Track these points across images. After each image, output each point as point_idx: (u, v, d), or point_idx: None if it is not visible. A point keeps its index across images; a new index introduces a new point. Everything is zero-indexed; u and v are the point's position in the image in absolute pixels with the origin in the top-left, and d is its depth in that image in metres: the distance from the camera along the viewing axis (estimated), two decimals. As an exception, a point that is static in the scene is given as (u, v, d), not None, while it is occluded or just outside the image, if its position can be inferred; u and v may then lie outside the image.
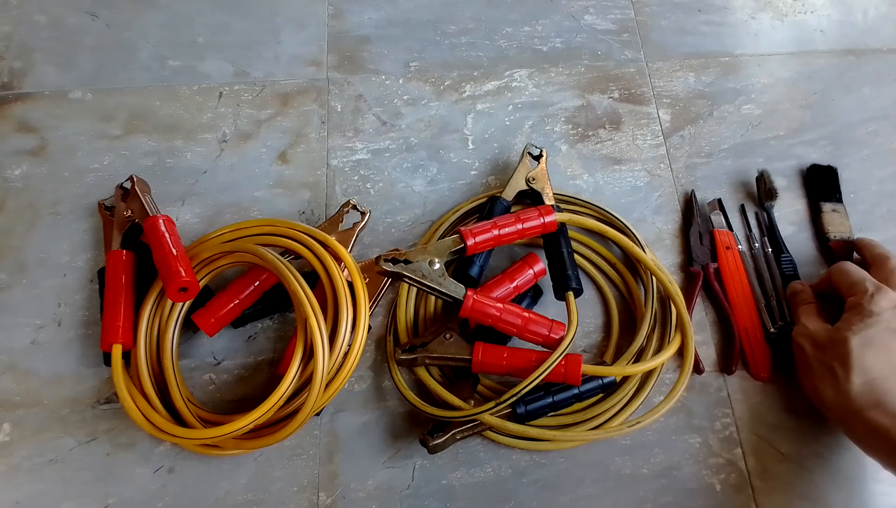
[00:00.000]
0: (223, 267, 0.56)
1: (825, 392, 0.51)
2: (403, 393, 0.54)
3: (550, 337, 0.53)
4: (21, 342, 0.58)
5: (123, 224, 0.58)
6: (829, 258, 0.64)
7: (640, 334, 0.57)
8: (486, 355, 0.52)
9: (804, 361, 0.54)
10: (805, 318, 0.56)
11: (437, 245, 0.55)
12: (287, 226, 0.57)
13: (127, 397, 0.51)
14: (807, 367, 0.54)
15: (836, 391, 0.50)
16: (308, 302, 0.51)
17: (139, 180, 0.59)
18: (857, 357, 0.50)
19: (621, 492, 0.54)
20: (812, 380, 0.53)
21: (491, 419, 0.51)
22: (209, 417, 0.53)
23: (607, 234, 0.60)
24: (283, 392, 0.49)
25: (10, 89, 0.70)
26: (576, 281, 0.56)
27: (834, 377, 0.50)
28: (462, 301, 0.52)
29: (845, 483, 0.55)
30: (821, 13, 0.78)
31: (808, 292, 0.58)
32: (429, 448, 0.51)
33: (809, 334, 0.54)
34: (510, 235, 0.56)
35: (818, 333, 0.53)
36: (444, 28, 0.75)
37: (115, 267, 0.56)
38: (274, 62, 0.72)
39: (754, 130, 0.70)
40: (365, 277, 0.56)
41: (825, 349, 0.52)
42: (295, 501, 0.53)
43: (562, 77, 0.73)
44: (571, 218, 0.59)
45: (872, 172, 0.68)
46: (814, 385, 0.53)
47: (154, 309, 0.54)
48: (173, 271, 0.51)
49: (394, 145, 0.68)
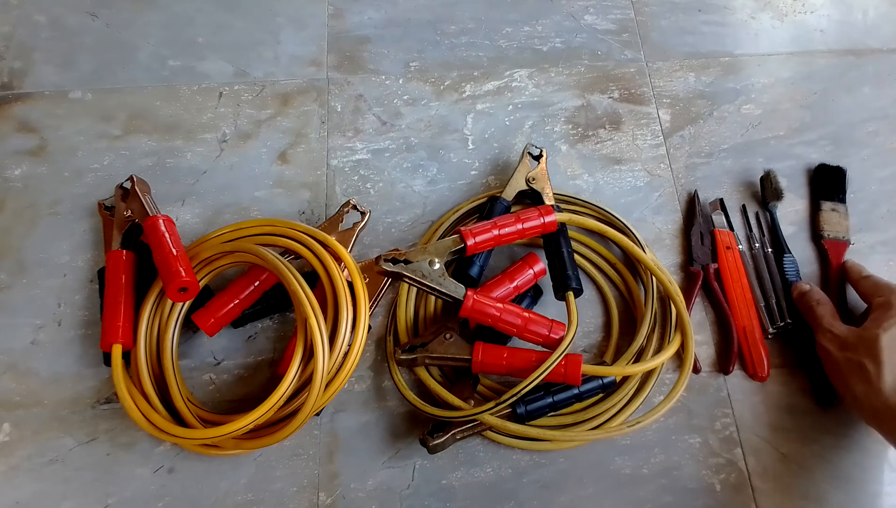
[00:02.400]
0: (223, 267, 0.56)
1: (857, 391, 0.51)
2: (403, 393, 0.54)
3: (550, 337, 0.53)
4: (21, 342, 0.58)
5: (123, 224, 0.58)
6: (822, 256, 0.64)
7: (640, 334, 0.57)
8: (486, 355, 0.52)
9: (832, 364, 0.54)
10: (826, 321, 0.56)
11: (437, 245, 0.55)
12: (287, 226, 0.57)
13: (127, 397, 0.51)
14: (836, 369, 0.54)
15: (868, 388, 0.50)
16: (308, 302, 0.51)
17: (139, 180, 0.59)
18: (889, 354, 0.50)
19: (621, 492, 0.54)
20: (843, 381, 0.53)
21: (491, 419, 0.51)
22: (209, 417, 0.53)
23: (607, 234, 0.60)
24: (283, 392, 0.49)
25: (10, 89, 0.70)
26: (576, 281, 0.56)
27: (865, 375, 0.50)
28: (462, 301, 0.52)
29: (845, 483, 0.55)
30: (821, 13, 0.78)
31: (818, 292, 0.58)
32: (429, 448, 0.51)
33: (835, 336, 0.54)
34: (510, 235, 0.56)
35: (844, 334, 0.53)
36: (444, 28, 0.75)
37: (115, 267, 0.56)
38: (274, 62, 0.72)
39: (754, 130, 0.70)
40: (365, 277, 0.56)
41: (855, 348, 0.52)
42: (295, 501, 0.53)
43: (562, 77, 0.73)
44: (571, 218, 0.59)
45: (872, 172, 0.68)
46: (845, 385, 0.53)
47: (154, 309, 0.54)
48: (173, 271, 0.51)
49: (394, 145, 0.68)
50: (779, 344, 0.60)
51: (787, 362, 0.59)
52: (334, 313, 0.52)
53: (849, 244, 0.64)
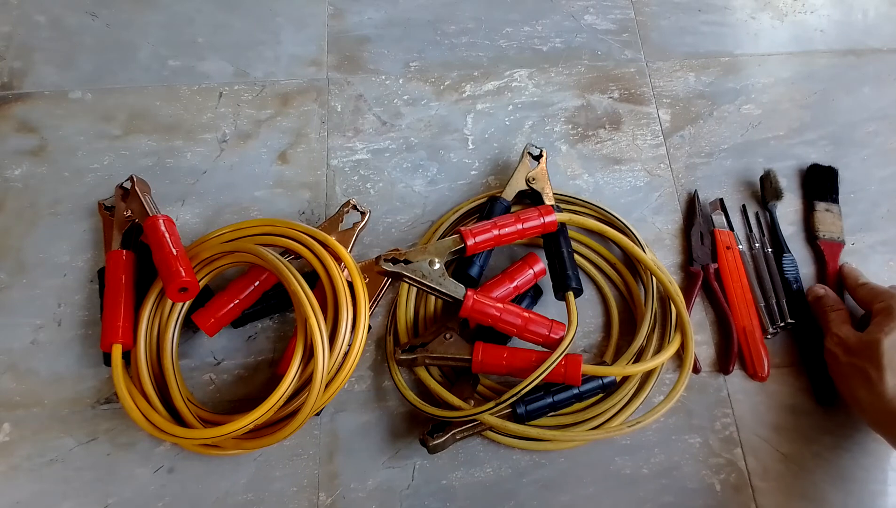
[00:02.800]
0: (223, 267, 0.56)
1: (860, 395, 0.51)
2: (403, 393, 0.54)
3: (550, 337, 0.53)
4: (21, 342, 0.58)
5: (123, 224, 0.58)
6: (818, 257, 0.64)
7: (640, 334, 0.57)
8: (486, 355, 0.52)
9: (838, 368, 0.54)
10: (836, 326, 0.56)
11: (437, 245, 0.55)
12: (287, 226, 0.57)
13: (127, 397, 0.51)
14: (841, 373, 0.54)
15: (870, 392, 0.50)
16: (308, 302, 0.51)
17: (139, 180, 0.59)
18: (891, 359, 0.50)
19: (621, 492, 0.54)
20: (847, 385, 0.53)
21: (491, 419, 0.51)
22: (209, 417, 0.53)
23: (607, 234, 0.60)
24: (283, 392, 0.49)
25: (10, 89, 0.70)
26: (576, 281, 0.56)
27: (868, 379, 0.51)
28: (462, 301, 0.52)
29: (845, 483, 0.55)
30: (821, 13, 0.78)
31: (833, 297, 0.59)
32: (429, 448, 0.51)
33: (841, 341, 0.54)
34: (510, 235, 0.56)
35: (850, 339, 0.54)
36: (444, 28, 0.75)
37: (115, 267, 0.56)
38: (274, 62, 0.72)
39: (754, 130, 0.70)
40: (365, 277, 0.56)
41: (858, 353, 0.52)
42: (295, 501, 0.53)
43: (562, 77, 0.73)
44: (571, 218, 0.59)
45: (872, 172, 0.68)
46: (849, 390, 0.53)
47: (154, 309, 0.54)
48: (173, 271, 0.51)
49: (394, 145, 0.68)
50: (779, 344, 0.60)
51: (787, 362, 0.59)
52: (334, 314, 0.52)
53: (843, 245, 0.64)
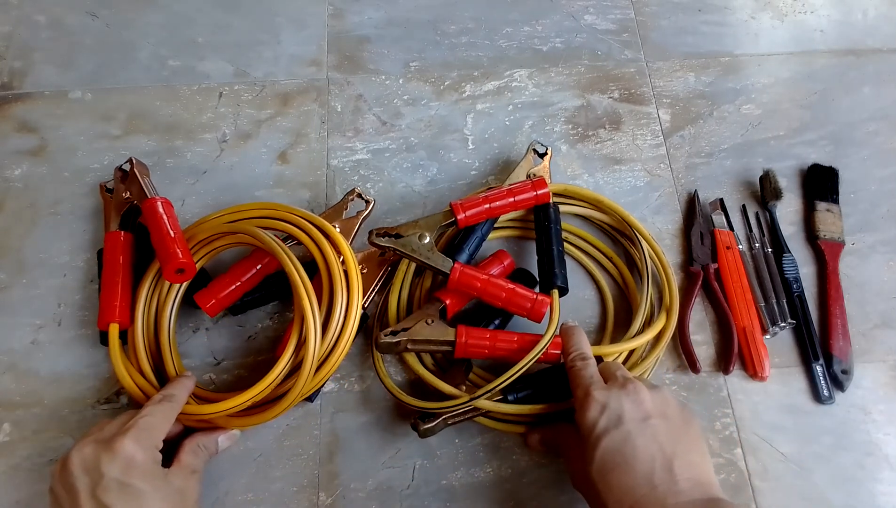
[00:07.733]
0: (221, 248, 0.56)
1: None
2: (383, 381, 0.54)
3: (534, 310, 0.53)
4: (21, 342, 0.58)
5: (122, 206, 0.58)
6: (818, 256, 0.64)
7: (636, 323, 0.57)
8: (469, 336, 0.52)
9: None
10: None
11: (428, 219, 0.55)
12: (286, 210, 0.57)
13: (124, 373, 0.51)
14: None
15: None
16: (302, 282, 0.51)
17: (138, 163, 0.59)
18: None
19: (621, 492, 0.54)
20: None
21: (483, 403, 0.51)
22: (205, 395, 0.53)
23: (601, 204, 0.61)
24: (279, 372, 0.50)
25: (10, 89, 0.70)
26: (562, 279, 0.56)
27: None
28: (449, 274, 0.53)
29: (845, 483, 0.55)
30: (821, 13, 0.78)
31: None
32: (420, 432, 0.51)
33: None
34: (502, 207, 0.57)
35: None
36: (444, 28, 0.75)
37: (112, 248, 0.56)
38: (274, 62, 0.72)
39: (754, 130, 0.70)
40: (364, 267, 0.56)
41: None
42: (295, 501, 0.53)
43: (562, 77, 0.73)
44: (567, 188, 0.59)
45: (872, 172, 0.68)
46: None
47: (152, 289, 0.54)
48: (171, 252, 0.51)
49: (394, 145, 0.68)
50: (779, 344, 0.60)
51: (787, 362, 0.59)
52: (329, 299, 0.52)
53: (843, 245, 0.64)
